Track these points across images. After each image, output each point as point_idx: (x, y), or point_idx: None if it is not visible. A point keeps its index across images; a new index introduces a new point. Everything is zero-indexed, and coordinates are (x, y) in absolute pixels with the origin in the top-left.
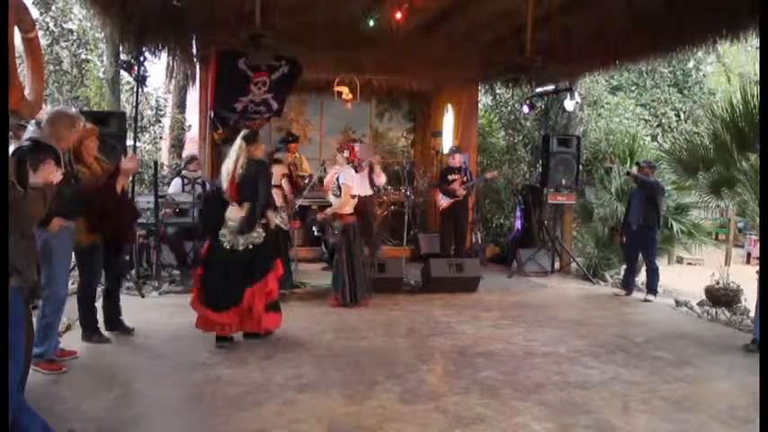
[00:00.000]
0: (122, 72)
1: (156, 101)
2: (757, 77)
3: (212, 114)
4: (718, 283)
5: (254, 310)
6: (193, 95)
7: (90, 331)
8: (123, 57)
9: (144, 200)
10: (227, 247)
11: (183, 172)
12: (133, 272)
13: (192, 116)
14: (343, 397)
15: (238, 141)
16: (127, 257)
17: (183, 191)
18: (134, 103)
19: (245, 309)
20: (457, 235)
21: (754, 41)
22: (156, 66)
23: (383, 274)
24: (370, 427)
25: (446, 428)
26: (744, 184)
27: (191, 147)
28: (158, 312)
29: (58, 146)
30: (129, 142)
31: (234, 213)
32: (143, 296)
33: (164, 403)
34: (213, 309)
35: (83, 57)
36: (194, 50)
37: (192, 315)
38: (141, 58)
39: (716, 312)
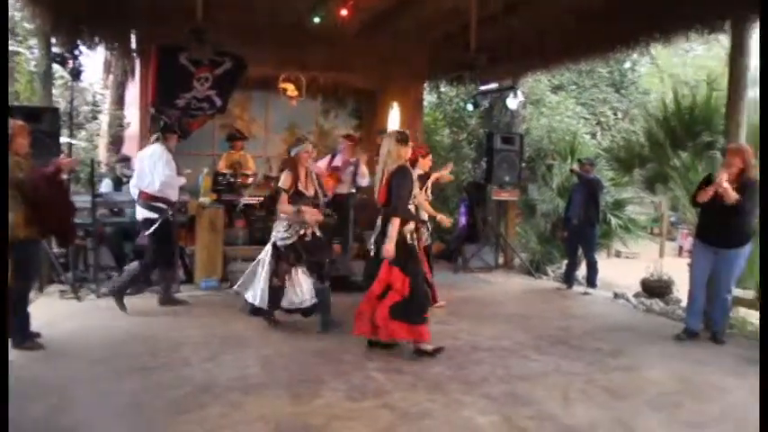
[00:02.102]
0: (55, 66)
1: (93, 96)
2: (687, 80)
3: (153, 111)
4: (652, 276)
5: (377, 317)
6: (132, 91)
7: (21, 337)
8: (56, 50)
9: (80, 199)
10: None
11: (125, 170)
12: (69, 274)
13: (132, 112)
14: (289, 397)
15: (390, 141)
16: (62, 260)
17: (119, 189)
18: (69, 99)
19: (367, 313)
20: None
21: (684, 45)
22: (93, 60)
23: (330, 272)
24: (318, 426)
25: (393, 424)
26: (675, 180)
27: (130, 144)
28: (97, 316)
29: None
30: (64, 139)
31: (380, 220)
32: (79, 299)
33: (102, 411)
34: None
35: (12, 48)
36: (133, 44)
37: (131, 319)
38: (76, 52)
39: (650, 303)
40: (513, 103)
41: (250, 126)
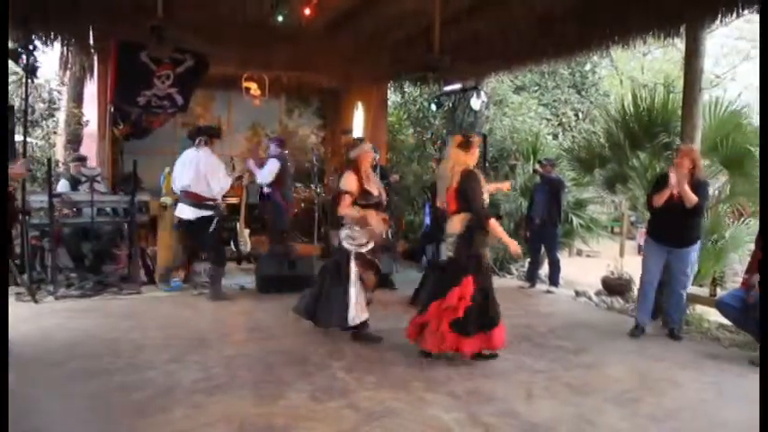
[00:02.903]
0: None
1: (50, 93)
2: (645, 82)
3: (112, 109)
4: (612, 274)
5: (440, 327)
6: (91, 88)
7: None
8: (10, 45)
9: (37, 199)
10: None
11: (82, 170)
12: (25, 276)
13: (90, 110)
14: (253, 398)
15: (452, 149)
16: (17, 261)
17: (76, 189)
18: (23, 96)
19: (427, 322)
20: None
21: (642, 48)
22: (49, 56)
23: (294, 272)
24: (282, 427)
25: (358, 424)
26: (635, 180)
27: (89, 143)
28: (54, 318)
29: None
30: (19, 138)
31: (450, 226)
32: (36, 302)
33: (62, 415)
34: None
35: None
36: (91, 40)
37: (90, 321)
38: (30, 47)
39: (611, 301)
40: (476, 103)
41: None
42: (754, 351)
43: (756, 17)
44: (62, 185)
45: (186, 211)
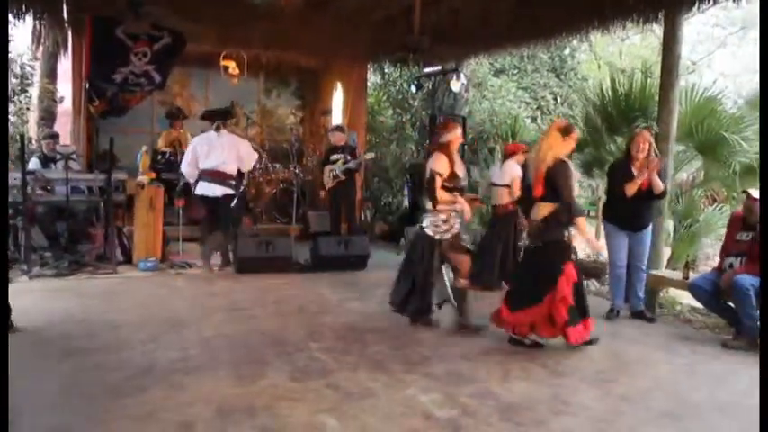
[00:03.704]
0: None
1: (22, 68)
2: (623, 68)
3: (87, 85)
4: (588, 257)
5: (556, 318)
6: (65, 64)
7: None
8: None
9: (10, 176)
10: (532, 246)
11: (57, 148)
12: None
13: (65, 87)
14: (232, 378)
15: (551, 131)
16: None
17: (51, 167)
18: None
19: (542, 313)
20: (346, 213)
21: (620, 33)
22: (21, 30)
23: (272, 253)
24: (262, 407)
25: (337, 404)
26: None
27: (63, 120)
28: (28, 298)
29: None
30: None
31: (535, 212)
32: (10, 281)
33: (35, 396)
34: (511, 308)
35: None
36: (65, 14)
37: (65, 300)
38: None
39: (587, 284)
40: (455, 85)
41: (189, 104)
42: (725, 334)
43: (732, 5)
44: (33, 164)
45: (214, 189)
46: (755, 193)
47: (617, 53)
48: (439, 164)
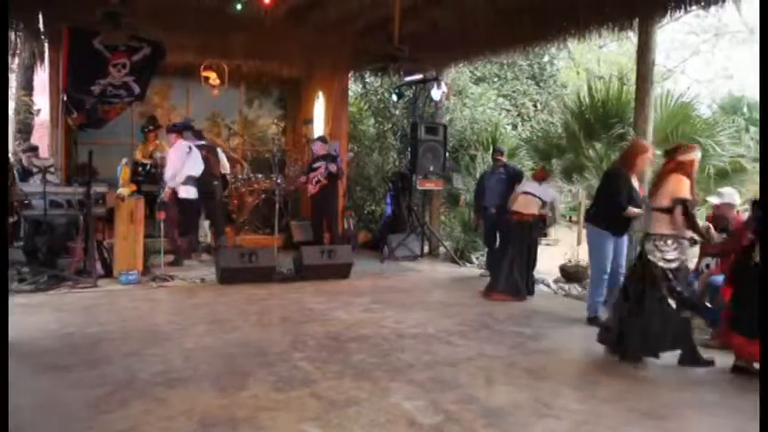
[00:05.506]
0: None
1: None
2: (601, 74)
3: (65, 97)
4: (570, 261)
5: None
6: (42, 76)
7: None
8: None
9: None
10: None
11: (34, 161)
12: None
13: (42, 99)
14: (215, 390)
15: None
16: None
17: (29, 181)
18: None
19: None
20: (328, 222)
21: (597, 41)
22: None
23: (255, 264)
24: (244, 418)
25: (321, 413)
26: (591, 170)
27: (41, 133)
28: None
29: None
30: None
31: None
32: None
33: (13, 414)
34: (747, 336)
35: None
36: (41, 26)
37: (45, 315)
38: None
39: (568, 288)
40: (436, 93)
41: (170, 114)
42: (704, 335)
43: (705, 13)
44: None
45: (193, 192)
46: (716, 200)
47: (595, 60)
48: (683, 188)
